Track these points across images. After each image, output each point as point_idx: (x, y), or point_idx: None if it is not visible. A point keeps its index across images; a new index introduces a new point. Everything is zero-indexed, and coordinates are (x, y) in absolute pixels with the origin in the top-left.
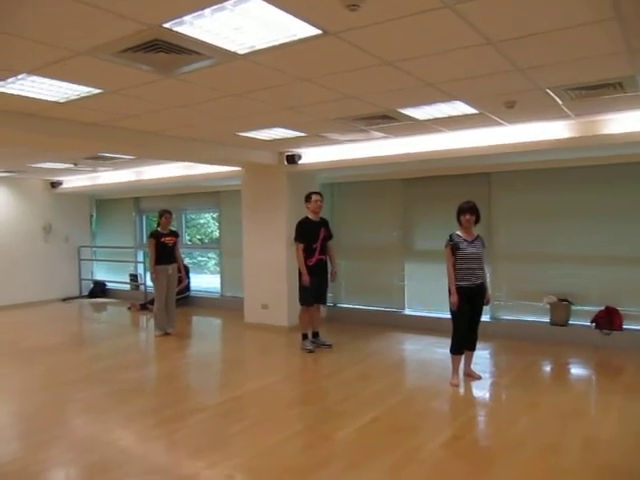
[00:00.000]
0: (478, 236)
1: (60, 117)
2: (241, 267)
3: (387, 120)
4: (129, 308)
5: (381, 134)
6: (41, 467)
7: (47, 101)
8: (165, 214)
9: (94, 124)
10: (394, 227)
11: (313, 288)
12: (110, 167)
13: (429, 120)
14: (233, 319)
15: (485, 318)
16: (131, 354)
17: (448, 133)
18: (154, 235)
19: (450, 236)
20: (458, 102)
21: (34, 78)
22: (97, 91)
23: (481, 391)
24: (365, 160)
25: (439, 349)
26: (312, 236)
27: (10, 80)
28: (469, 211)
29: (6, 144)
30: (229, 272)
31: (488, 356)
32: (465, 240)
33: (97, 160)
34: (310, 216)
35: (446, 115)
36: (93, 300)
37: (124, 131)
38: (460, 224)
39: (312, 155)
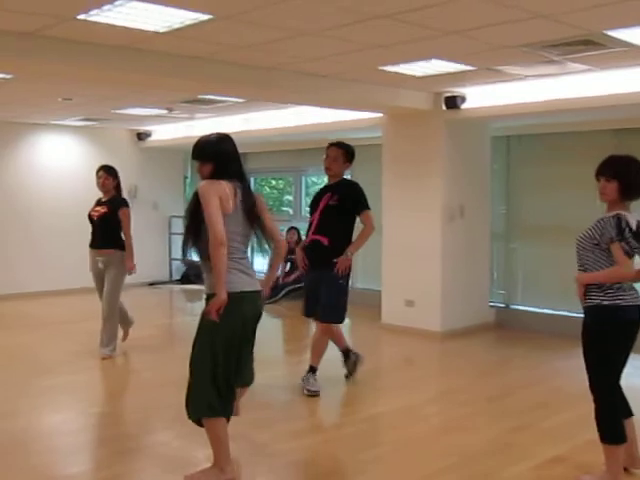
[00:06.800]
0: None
1: (158, 50)
2: (378, 249)
3: (591, 47)
4: None
5: (581, 66)
6: None
7: (144, 31)
8: (98, 172)
9: (199, 57)
10: (598, 200)
11: (308, 288)
12: (211, 113)
13: None
14: (367, 318)
15: None
16: None
17: None
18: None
19: (619, 220)
20: None
21: (134, 4)
22: (206, 17)
23: None
24: (557, 103)
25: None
26: (312, 206)
27: (106, 7)
28: (600, 172)
29: (92, 84)
30: (361, 255)
31: None
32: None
33: (196, 104)
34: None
35: None
36: (186, 286)
37: (235, 67)
38: None
39: (480, 97)
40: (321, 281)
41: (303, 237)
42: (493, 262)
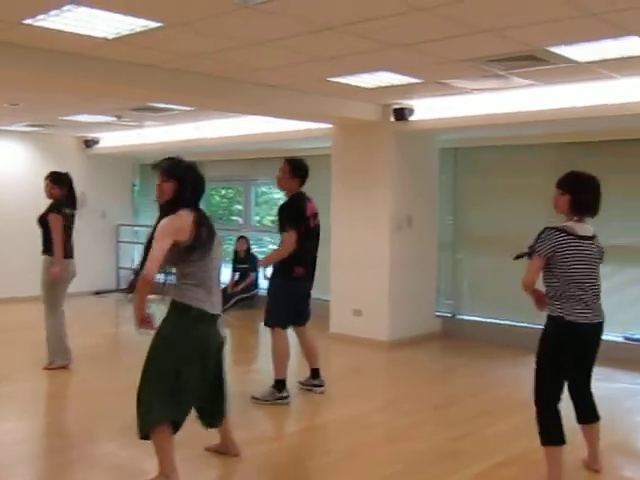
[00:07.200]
0: (595, 236)
1: (107, 57)
2: (326, 258)
3: (534, 62)
4: None
5: (526, 81)
6: None
7: (93, 37)
8: (46, 178)
9: (148, 65)
10: (544, 212)
11: None
12: (160, 122)
13: (594, 63)
14: (315, 328)
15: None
16: None
17: (621, 80)
18: None
19: (541, 232)
20: (634, 37)
21: (82, 10)
22: (155, 25)
23: None
24: (502, 117)
25: (607, 383)
26: None
27: (53, 12)
28: (557, 184)
29: (39, 90)
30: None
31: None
32: (577, 236)
33: (145, 112)
34: None
35: (618, 56)
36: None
37: (185, 75)
38: None
39: (428, 109)
40: None
41: (252, 246)
42: (440, 272)
